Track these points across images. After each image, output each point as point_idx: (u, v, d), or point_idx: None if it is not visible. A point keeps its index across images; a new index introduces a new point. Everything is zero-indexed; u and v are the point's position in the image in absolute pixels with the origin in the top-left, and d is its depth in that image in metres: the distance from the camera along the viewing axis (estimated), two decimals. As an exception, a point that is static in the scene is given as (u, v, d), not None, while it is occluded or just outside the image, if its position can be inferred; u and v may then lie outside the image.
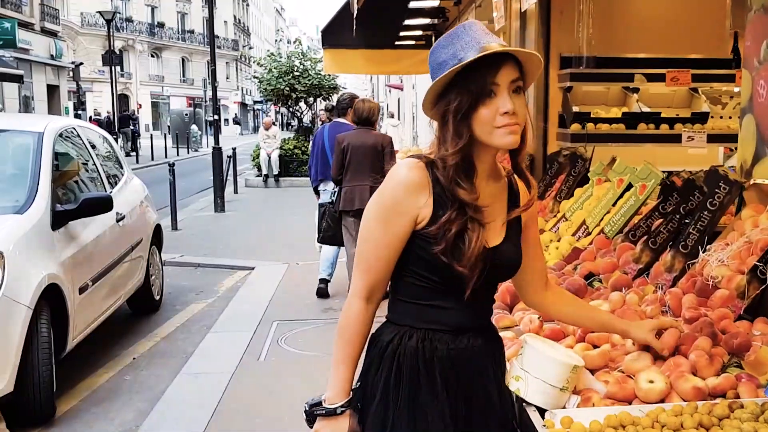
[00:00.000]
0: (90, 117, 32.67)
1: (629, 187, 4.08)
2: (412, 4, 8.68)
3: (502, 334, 2.55)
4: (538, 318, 2.64)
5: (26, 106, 27.56)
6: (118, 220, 6.02)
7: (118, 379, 5.41)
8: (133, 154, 30.14)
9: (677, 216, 3.01)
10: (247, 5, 75.20)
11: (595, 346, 2.40)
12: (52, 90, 30.47)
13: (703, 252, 2.74)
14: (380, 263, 1.91)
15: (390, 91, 33.13)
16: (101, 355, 5.85)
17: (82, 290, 5.10)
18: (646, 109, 5.83)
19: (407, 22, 10.14)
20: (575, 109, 5.68)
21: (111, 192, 6.25)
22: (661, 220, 3.17)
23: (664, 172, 3.93)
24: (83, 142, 6.26)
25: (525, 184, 2.02)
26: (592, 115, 5.72)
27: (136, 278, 6.57)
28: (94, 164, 6.27)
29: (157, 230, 7.31)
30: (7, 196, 4.93)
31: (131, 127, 33.19)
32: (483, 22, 7.18)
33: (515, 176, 2.01)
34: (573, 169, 4.99)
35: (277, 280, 8.19)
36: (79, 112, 32.88)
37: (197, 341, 6.13)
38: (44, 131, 5.46)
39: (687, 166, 5.42)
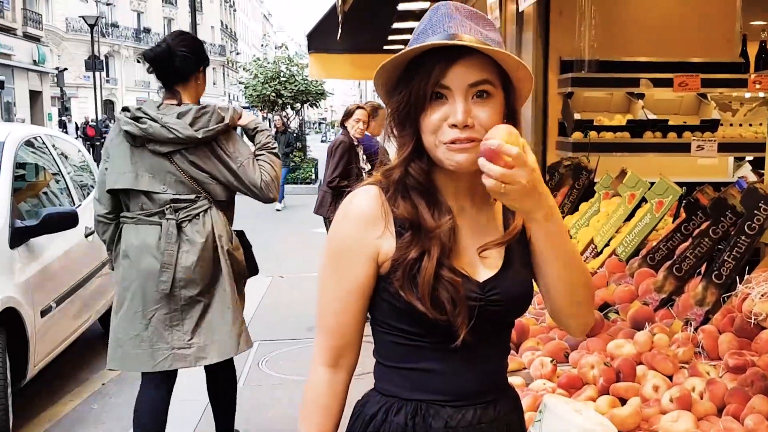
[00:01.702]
0: (86, 123, 32.21)
1: (641, 202, 3.72)
2: (401, 6, 8.34)
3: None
4: (552, 361, 2.27)
5: (8, 112, 27.11)
6: (86, 235, 5.60)
7: (85, 408, 4.99)
8: None
9: (706, 239, 2.65)
10: (234, 11, 74.83)
11: (622, 400, 2.03)
12: (35, 96, 30.04)
13: (741, 283, 2.38)
14: (341, 320, 1.51)
15: (378, 96, 32.86)
16: (67, 380, 5.44)
17: (44, 313, 4.68)
18: (652, 116, 5.48)
19: (396, 25, 9.79)
20: (577, 116, 5.31)
21: (80, 204, 5.85)
22: (686, 243, 2.80)
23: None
24: (51, 152, 5.85)
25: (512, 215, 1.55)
26: (594, 123, 5.36)
27: (107, 296, 6.15)
28: (62, 176, 5.86)
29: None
30: (-40, 211, 4.51)
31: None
32: None
33: None
34: (576, 182, 4.63)
35: (260, 295, 7.79)
36: (63, 118, 32.41)
37: (173, 364, 5.73)
38: (5, 140, 5.05)
39: (696, 177, 5.08)
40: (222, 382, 3.80)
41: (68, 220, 4.87)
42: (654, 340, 2.28)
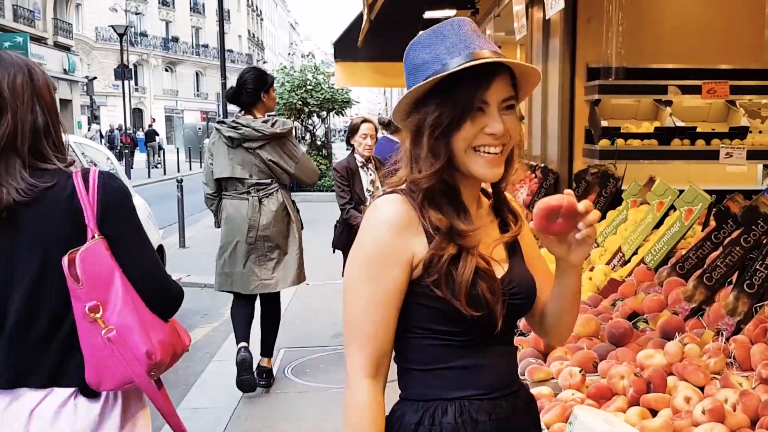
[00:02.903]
0: (112, 131, 32.65)
1: (669, 210, 3.68)
2: (427, 14, 8.34)
3: (536, 390, 2.16)
4: (580, 371, 2.24)
5: (38, 120, 27.45)
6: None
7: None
8: (159, 166, 30.24)
9: (737, 248, 2.61)
10: (262, 20, 75.36)
11: (653, 411, 2.00)
12: (65, 104, 30.40)
13: (774, 293, 2.34)
14: (380, 327, 1.52)
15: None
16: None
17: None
18: (680, 124, 5.43)
19: (421, 33, 9.80)
20: (604, 123, 5.28)
21: (109, 212, 5.90)
22: (716, 252, 2.77)
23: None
24: (80, 160, 5.92)
25: (511, 215, 1.68)
26: (622, 130, 5.33)
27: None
28: (91, 183, 5.92)
29: (160, 251, 6.95)
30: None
31: (157, 141, 33.49)
32: (500, 33, 6.76)
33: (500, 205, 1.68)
34: (604, 189, 4.59)
35: (286, 302, 7.80)
36: (91, 126, 32.82)
37: (199, 370, 5.75)
38: (35, 148, 5.11)
39: (725, 185, 5.03)
40: (273, 309, 5.28)
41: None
42: (685, 351, 2.25)
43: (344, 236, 5.84)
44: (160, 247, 6.98)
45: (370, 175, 5.86)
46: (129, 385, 1.98)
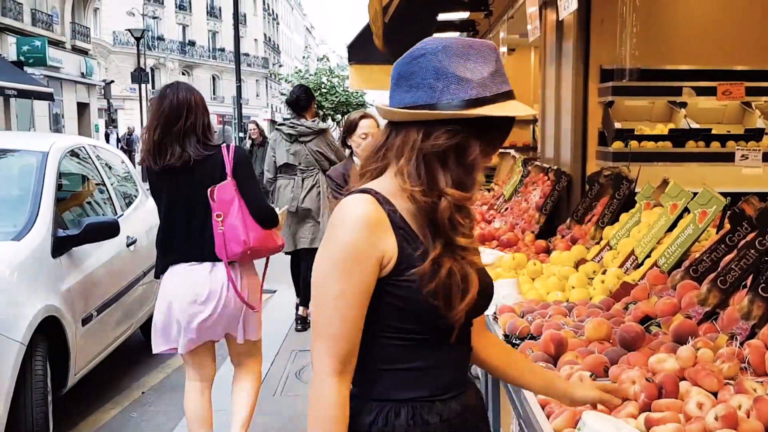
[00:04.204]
0: (129, 134, 32.78)
1: (683, 212, 3.63)
2: (441, 17, 8.31)
3: (546, 396, 2.12)
4: (591, 375, 2.21)
5: (57, 123, 27.69)
6: (128, 245, 5.67)
7: (124, 417, 5.04)
8: None
9: (752, 251, 2.57)
10: (278, 23, 75.56)
11: (663, 418, 1.96)
12: (83, 108, 30.62)
13: (789, 296, 2.30)
14: (349, 325, 1.53)
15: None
16: (108, 388, 5.49)
17: (85, 321, 4.74)
18: (695, 126, 5.37)
19: (435, 35, 9.76)
20: (617, 125, 5.23)
21: (123, 214, 5.92)
22: (731, 255, 2.72)
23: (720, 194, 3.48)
24: (94, 162, 5.94)
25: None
26: (636, 132, 5.27)
27: (149, 305, 6.21)
28: (105, 185, 5.94)
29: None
30: (5, 221, 4.58)
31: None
32: (513, 35, 6.68)
33: None
34: (617, 192, 4.54)
35: (293, 309, 7.78)
36: (108, 129, 33.00)
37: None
38: (49, 151, 5.13)
39: (740, 187, 4.96)
40: (305, 266, 6.72)
41: (109, 230, 4.93)
42: (698, 355, 2.21)
43: None
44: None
45: None
46: (236, 258, 3.74)
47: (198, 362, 3.94)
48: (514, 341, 2.91)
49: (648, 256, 3.65)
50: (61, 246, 4.62)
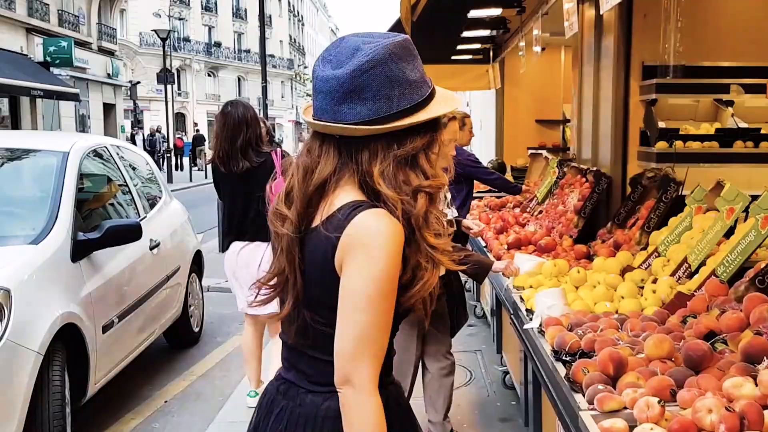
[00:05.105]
0: (153, 134, 32.84)
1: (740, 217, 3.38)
2: (471, 14, 8.06)
3: (608, 422, 1.90)
4: (659, 402, 1.97)
5: (83, 124, 27.75)
6: (151, 248, 5.50)
7: (146, 427, 4.86)
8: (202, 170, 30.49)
9: (830, 262, 2.32)
10: (303, 25, 75.60)
11: (747, 452, 1.73)
12: (109, 108, 30.68)
13: None
14: (388, 338, 1.61)
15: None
16: (130, 396, 5.32)
17: (106, 328, 4.57)
18: (743, 125, 5.10)
19: (465, 34, 9.51)
20: (661, 124, 4.97)
21: (146, 216, 5.76)
22: (805, 265, 2.48)
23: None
24: (116, 163, 5.78)
25: None
26: (680, 132, 5.01)
27: (172, 310, 6.05)
28: (128, 187, 5.78)
29: (198, 256, 6.79)
30: (24, 224, 4.43)
31: (205, 146, 33.92)
32: (544, 34, 6.39)
33: None
34: (664, 195, 4.29)
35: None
36: (133, 131, 33.10)
37: (236, 380, 5.57)
38: (70, 151, 4.98)
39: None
40: None
41: (131, 233, 4.77)
42: (778, 380, 1.97)
43: None
44: (198, 252, 6.81)
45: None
46: None
47: (254, 316, 4.95)
48: (564, 357, 2.69)
49: (702, 264, 3.41)
50: (81, 250, 4.46)
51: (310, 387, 1.68)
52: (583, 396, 2.31)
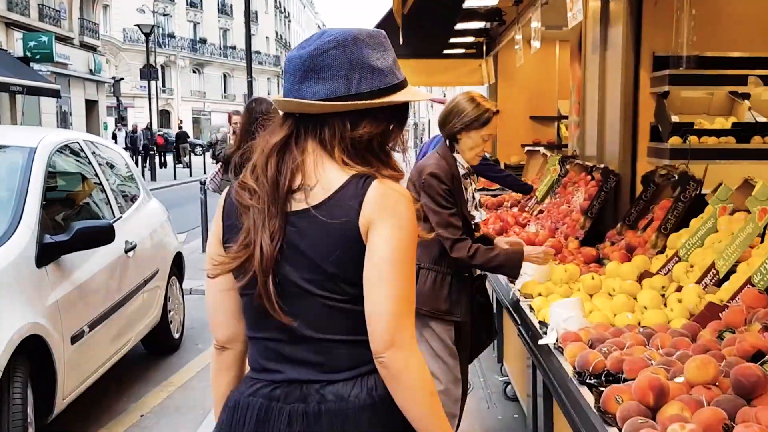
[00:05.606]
0: (134, 131, 32.30)
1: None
2: (466, 4, 7.72)
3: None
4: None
5: (64, 121, 27.27)
6: (127, 250, 5.13)
7: (120, 445, 4.49)
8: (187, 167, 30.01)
9: None
10: (289, 21, 75.11)
11: None
12: (91, 105, 30.19)
13: None
14: None
15: (432, 105, 32.22)
16: (103, 410, 4.93)
17: (75, 339, 4.19)
18: (761, 119, 4.78)
19: (459, 26, 9.18)
20: (674, 118, 4.64)
21: (121, 217, 5.38)
22: None
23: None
24: (90, 160, 5.40)
25: None
26: (695, 126, 4.69)
27: (150, 316, 5.67)
28: (102, 185, 5.39)
29: (178, 258, 6.42)
30: (-17, 225, 4.05)
31: (188, 143, 33.54)
32: (543, 28, 5.99)
33: None
34: (682, 194, 3.97)
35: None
36: (117, 127, 32.60)
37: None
38: (37, 146, 4.59)
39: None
40: None
41: (103, 235, 4.39)
42: None
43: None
44: (179, 254, 6.43)
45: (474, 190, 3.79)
46: None
47: None
48: (588, 380, 2.34)
49: (732, 270, 3.08)
50: (47, 254, 4.08)
51: (329, 377, 1.59)
52: (619, 430, 1.98)
